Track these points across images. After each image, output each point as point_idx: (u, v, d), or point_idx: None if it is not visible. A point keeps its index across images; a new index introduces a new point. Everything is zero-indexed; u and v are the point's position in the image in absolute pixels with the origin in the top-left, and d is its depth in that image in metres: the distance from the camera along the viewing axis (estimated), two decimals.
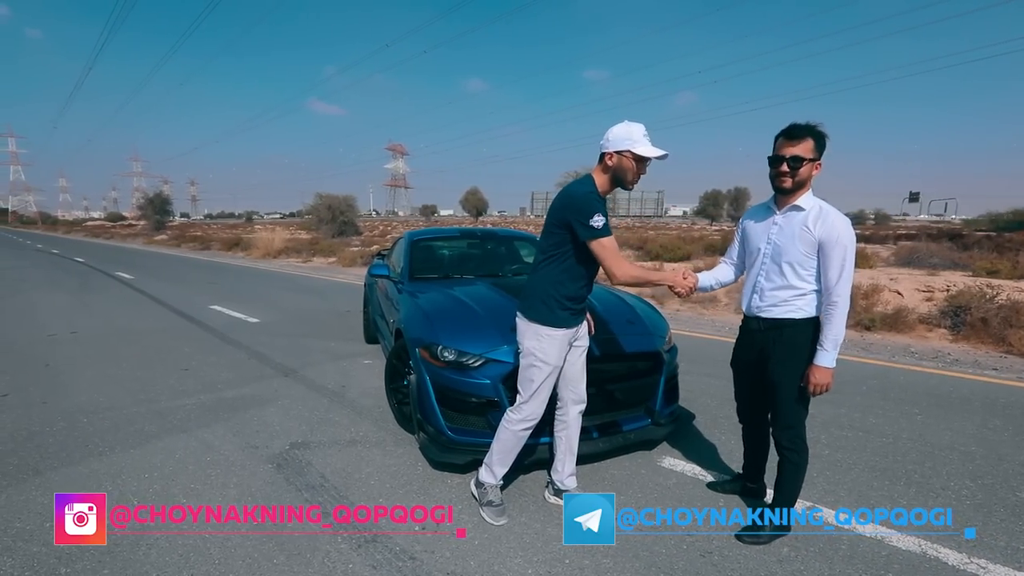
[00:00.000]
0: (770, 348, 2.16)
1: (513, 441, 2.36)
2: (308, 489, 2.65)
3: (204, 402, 3.90)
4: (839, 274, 1.99)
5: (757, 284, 2.19)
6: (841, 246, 1.98)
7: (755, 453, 2.53)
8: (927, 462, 3.01)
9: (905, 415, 3.74)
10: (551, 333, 2.24)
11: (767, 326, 2.16)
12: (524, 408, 2.31)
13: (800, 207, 2.06)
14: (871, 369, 5.00)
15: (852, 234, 2.01)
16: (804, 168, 1.99)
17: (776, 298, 2.12)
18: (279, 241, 21.23)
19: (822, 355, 2.03)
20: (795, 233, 2.06)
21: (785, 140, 2.02)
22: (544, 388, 2.29)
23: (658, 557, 2.13)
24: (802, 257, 2.05)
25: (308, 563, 2.08)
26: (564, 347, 2.29)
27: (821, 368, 2.05)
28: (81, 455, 3.01)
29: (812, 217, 2.03)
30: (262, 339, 5.99)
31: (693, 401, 4.04)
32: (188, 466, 2.89)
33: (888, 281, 8.10)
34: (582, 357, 2.43)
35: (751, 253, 2.25)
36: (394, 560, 2.09)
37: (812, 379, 2.07)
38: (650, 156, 2.09)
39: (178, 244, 30.01)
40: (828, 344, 2.02)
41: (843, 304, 2.00)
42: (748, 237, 2.26)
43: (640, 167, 2.12)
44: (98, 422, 3.49)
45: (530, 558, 2.12)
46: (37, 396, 4.00)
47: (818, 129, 2.00)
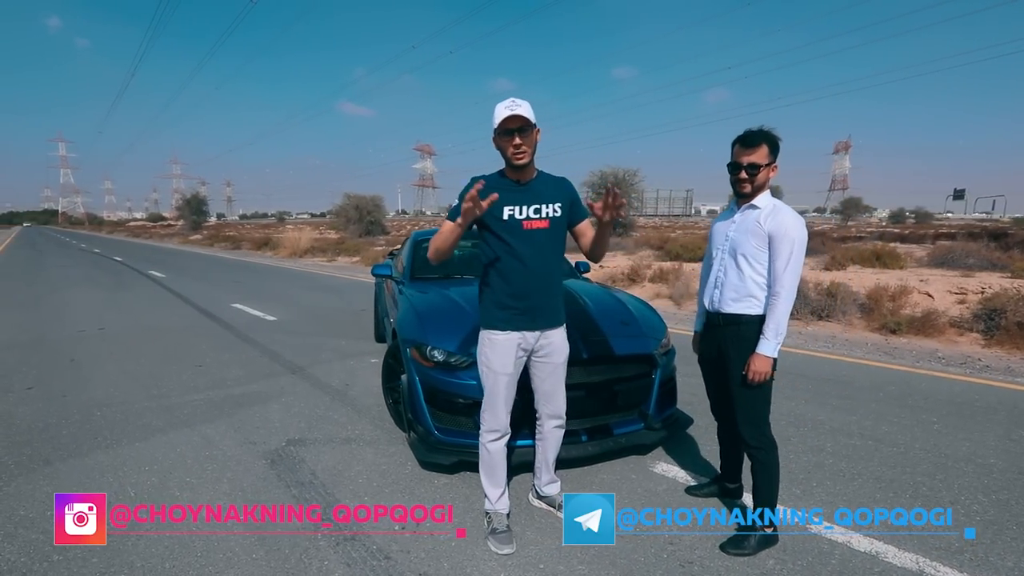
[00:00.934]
0: (727, 344, 2.21)
1: (488, 456, 2.25)
2: (297, 485, 2.69)
3: (211, 398, 4.01)
4: (785, 266, 2.05)
5: (717, 279, 2.27)
6: (789, 240, 2.05)
7: (730, 451, 2.54)
8: (938, 474, 2.85)
9: (921, 424, 3.56)
10: (492, 337, 2.15)
11: (725, 321, 2.22)
12: (484, 417, 2.24)
13: (755, 206, 2.15)
14: (891, 375, 4.78)
15: (802, 231, 2.08)
16: (761, 173, 2.09)
17: (733, 293, 2.19)
18: (305, 241, 21.71)
19: (763, 343, 2.08)
20: (748, 228, 2.14)
21: (741, 148, 2.10)
22: (497, 397, 2.18)
23: (636, 565, 2.08)
24: (754, 250, 2.12)
25: (286, 559, 2.11)
26: (511, 353, 2.15)
27: (760, 356, 2.08)
28: (89, 447, 3.14)
29: (765, 214, 2.12)
30: (276, 337, 6.14)
31: (696, 406, 3.94)
32: (187, 460, 2.97)
33: (918, 282, 7.75)
34: (554, 373, 2.28)
35: (714, 251, 2.32)
36: (369, 559, 2.10)
37: (751, 366, 2.10)
38: (499, 121, 1.97)
39: (211, 244, 31.06)
40: (769, 333, 2.08)
41: (786, 295, 2.06)
42: (713, 237, 2.35)
43: (511, 138, 2.00)
44: (110, 416, 3.64)
45: (504, 562, 2.10)
46: (59, 390, 4.19)
47: (771, 135, 2.09)
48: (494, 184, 2.10)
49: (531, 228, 2.11)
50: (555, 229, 2.17)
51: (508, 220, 2.10)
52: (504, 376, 2.17)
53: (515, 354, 2.18)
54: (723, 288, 2.22)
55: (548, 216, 2.13)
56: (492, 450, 2.25)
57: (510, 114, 1.96)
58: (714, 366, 2.34)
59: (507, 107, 1.98)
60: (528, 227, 2.11)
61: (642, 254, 14.37)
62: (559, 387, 2.33)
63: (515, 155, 2.04)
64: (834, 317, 7.11)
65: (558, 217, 2.16)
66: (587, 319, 3.04)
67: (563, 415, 2.39)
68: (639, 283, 10.58)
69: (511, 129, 2.00)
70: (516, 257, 2.11)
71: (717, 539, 2.24)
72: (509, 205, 2.09)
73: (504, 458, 2.30)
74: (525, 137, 2.02)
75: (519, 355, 2.19)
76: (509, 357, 2.16)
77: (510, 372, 2.18)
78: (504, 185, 2.11)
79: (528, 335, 2.18)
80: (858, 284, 8.03)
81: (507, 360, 2.16)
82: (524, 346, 2.19)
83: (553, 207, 2.15)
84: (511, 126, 1.99)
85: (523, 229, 2.10)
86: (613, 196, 1.90)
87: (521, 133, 2.01)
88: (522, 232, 2.11)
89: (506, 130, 2.00)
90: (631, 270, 10.93)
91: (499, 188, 2.05)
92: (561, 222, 2.18)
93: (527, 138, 2.03)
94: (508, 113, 1.97)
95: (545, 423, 2.38)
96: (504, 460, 2.30)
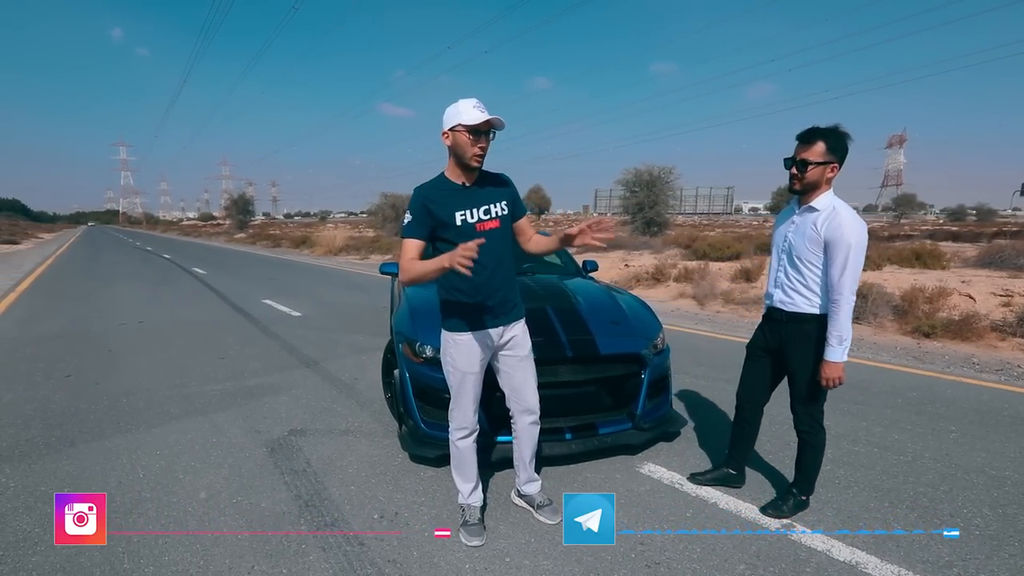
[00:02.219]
0: (788, 340, 2.31)
1: (458, 454, 2.30)
2: (290, 473, 2.82)
3: (227, 389, 4.23)
4: (841, 272, 2.07)
5: (778, 279, 2.34)
6: (845, 245, 2.05)
7: (742, 439, 2.61)
8: (943, 485, 2.72)
9: (936, 432, 3.39)
10: (457, 338, 2.17)
11: (788, 318, 2.29)
12: (453, 416, 2.27)
13: (814, 208, 2.16)
14: (916, 380, 4.56)
15: (860, 235, 2.07)
16: (813, 171, 2.10)
17: (794, 292, 2.25)
18: (340, 239, 22.38)
19: (829, 351, 2.15)
20: (806, 232, 2.17)
21: (798, 143, 2.14)
22: (463, 395, 2.22)
23: (601, 563, 2.09)
24: (810, 255, 2.16)
25: (267, 540, 2.22)
26: (475, 352, 2.17)
27: (829, 363, 2.16)
28: (111, 431, 3.37)
29: (823, 218, 2.12)
30: (298, 332, 6.38)
31: (700, 407, 3.88)
32: (195, 446, 3.16)
33: (959, 284, 7.32)
34: (521, 366, 2.28)
35: (775, 251, 2.39)
36: (344, 544, 2.19)
37: (823, 373, 2.18)
38: (476, 123, 1.95)
39: (253, 242, 32.41)
40: (833, 340, 2.13)
41: (845, 302, 2.08)
42: (775, 237, 2.41)
43: (479, 140, 1.99)
44: (134, 403, 3.89)
45: (472, 554, 2.15)
46: (93, 378, 4.51)
47: (834, 132, 2.07)
48: (441, 188, 2.11)
49: (484, 230, 2.10)
50: (505, 226, 2.18)
51: (461, 225, 2.09)
52: (471, 375, 2.20)
53: (480, 353, 2.20)
54: (784, 288, 2.30)
55: (498, 215, 2.14)
56: (461, 447, 2.29)
57: (488, 117, 1.97)
58: (771, 356, 2.42)
59: (478, 108, 1.97)
60: (481, 229, 2.10)
61: (669, 253, 14.10)
62: (528, 380, 2.33)
63: (476, 157, 2.03)
64: (864, 319, 6.81)
65: (506, 215, 2.17)
66: (576, 318, 3.04)
67: (536, 410, 2.38)
68: (663, 283, 10.41)
69: (482, 131, 2.00)
70: (474, 260, 2.04)
71: (691, 540, 2.22)
72: (459, 210, 2.09)
73: (474, 454, 2.33)
74: (489, 141, 2.04)
75: (486, 353, 2.22)
76: (475, 356, 2.19)
77: (476, 371, 2.20)
78: (452, 189, 2.11)
79: (492, 332, 2.20)
80: (893, 285, 7.66)
81: (473, 360, 2.19)
82: (489, 343, 2.22)
83: (500, 205, 2.15)
84: (484, 129, 1.99)
85: (476, 232, 2.09)
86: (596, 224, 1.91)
87: (487, 136, 2.02)
88: (476, 235, 2.08)
89: (477, 132, 1.98)
90: (655, 269, 10.76)
91: (448, 194, 2.10)
92: (508, 219, 2.19)
93: (488, 142, 2.04)
94: (486, 116, 1.96)
95: (519, 419, 2.38)
96: (474, 456, 2.33)
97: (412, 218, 2.09)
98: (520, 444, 2.42)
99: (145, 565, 2.07)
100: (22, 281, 11.81)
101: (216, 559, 2.11)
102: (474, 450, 2.32)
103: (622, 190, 22.11)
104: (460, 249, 1.79)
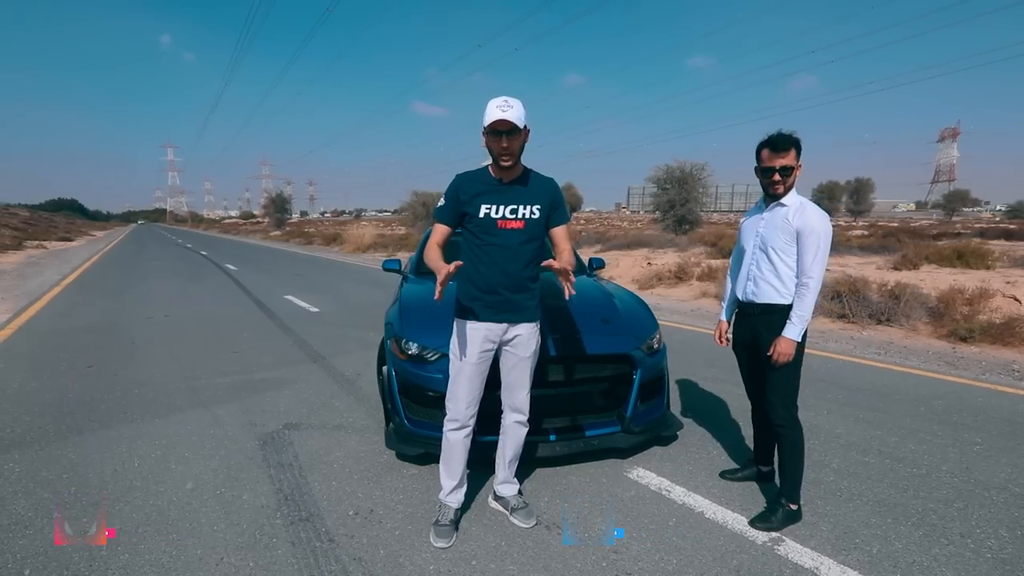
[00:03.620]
0: (762, 331, 2.38)
1: (448, 446, 2.28)
2: (277, 466, 2.85)
3: (234, 382, 4.32)
4: (812, 258, 2.23)
5: (750, 272, 2.44)
6: (815, 234, 2.22)
7: (764, 434, 2.66)
8: (958, 501, 2.52)
9: (959, 444, 3.15)
10: (462, 325, 2.21)
11: (760, 310, 2.39)
12: (448, 406, 2.27)
13: (783, 204, 2.32)
14: (944, 387, 4.27)
15: (827, 226, 2.25)
16: (793, 174, 2.27)
17: (766, 284, 2.36)
18: (368, 237, 22.76)
19: (788, 327, 2.26)
20: (778, 225, 2.32)
21: (772, 152, 2.26)
22: (459, 386, 2.22)
23: (570, 571, 2.01)
24: (783, 245, 2.29)
25: (242, 532, 2.24)
26: (477, 343, 2.18)
27: (785, 339, 2.26)
28: (118, 420, 3.49)
29: (792, 211, 2.29)
30: (312, 327, 6.49)
31: (706, 410, 3.74)
32: (192, 437, 3.23)
33: (1004, 285, 6.84)
34: (519, 366, 2.28)
35: (746, 247, 2.49)
36: (314, 540, 2.19)
37: (776, 347, 2.27)
38: (490, 122, 1.98)
39: (288, 239, 33.38)
40: (795, 318, 2.25)
41: (814, 285, 2.24)
42: (743, 234, 2.52)
43: (498, 139, 2.02)
44: (145, 393, 4.03)
45: (438, 555, 2.10)
46: (112, 368, 4.69)
47: (796, 138, 2.26)
48: (477, 180, 2.17)
49: (505, 228, 2.15)
50: (530, 230, 2.19)
51: (484, 218, 2.14)
52: (468, 364, 2.20)
53: (481, 345, 2.20)
54: (756, 280, 2.40)
55: (524, 217, 2.16)
56: (451, 439, 2.27)
57: (500, 117, 1.97)
58: (750, 351, 2.50)
59: (499, 107, 1.99)
60: (503, 226, 2.14)
61: (694, 251, 13.74)
62: (522, 381, 2.31)
63: (501, 155, 2.06)
64: (896, 321, 6.45)
65: (535, 219, 2.19)
66: (564, 316, 2.96)
67: (524, 412, 2.36)
68: (686, 281, 10.14)
69: (499, 131, 2.01)
70: (487, 254, 2.16)
71: (668, 550, 2.12)
72: (487, 203, 2.14)
73: (463, 452, 2.29)
74: (512, 139, 2.03)
75: (486, 346, 2.22)
76: (475, 347, 2.19)
77: (475, 362, 2.20)
78: (487, 182, 2.17)
79: (495, 327, 2.21)
80: (930, 285, 7.23)
81: (473, 349, 2.19)
82: (491, 337, 2.21)
83: (531, 208, 2.17)
84: (500, 128, 2.00)
85: (497, 228, 2.14)
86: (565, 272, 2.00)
87: (509, 135, 2.02)
88: (496, 231, 2.15)
89: (495, 131, 2.01)
90: (679, 268, 10.50)
91: (481, 185, 2.16)
92: (538, 223, 2.20)
93: (514, 140, 2.04)
94: (499, 116, 1.98)
95: (507, 416, 2.38)
96: (463, 454, 2.30)
97: (444, 203, 2.22)
98: (504, 442, 2.40)
99: (121, 553, 2.12)
100: (68, 276, 12.48)
101: (188, 549, 2.14)
102: (465, 448, 2.29)
103: (654, 187, 21.67)
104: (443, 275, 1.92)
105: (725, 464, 2.90)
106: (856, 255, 13.08)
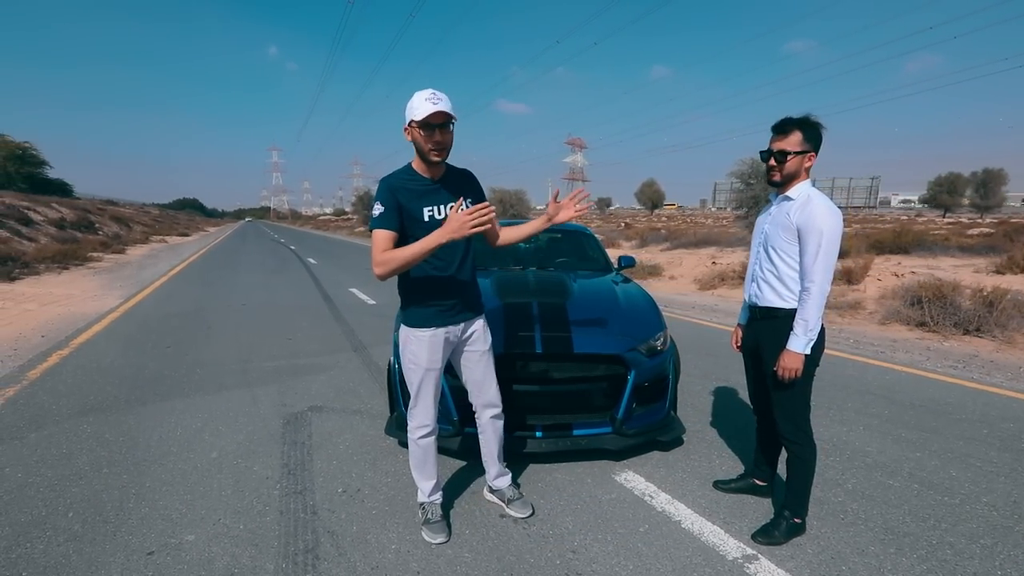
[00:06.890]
0: (763, 337, 2.24)
1: (418, 452, 2.27)
2: (291, 444, 3.12)
3: (280, 366, 4.74)
4: (814, 259, 2.02)
5: (754, 273, 2.31)
6: (817, 232, 2.00)
7: (765, 447, 2.54)
8: (986, 538, 2.22)
9: (1016, 475, 2.76)
10: (419, 335, 2.15)
11: (762, 314, 2.25)
12: (413, 413, 2.25)
13: (790, 197, 2.13)
14: (1016, 408, 3.72)
15: (834, 223, 2.00)
16: (792, 161, 2.08)
17: (767, 286, 2.20)
18: None
19: (792, 339, 2.07)
20: (780, 221, 2.14)
21: (773, 134, 2.11)
22: (423, 392, 2.20)
23: (522, 563, 2.04)
24: (784, 244, 2.11)
25: (242, 496, 2.50)
26: (437, 349, 2.16)
27: (790, 352, 2.07)
28: (176, 395, 3.98)
29: (796, 206, 2.09)
30: (363, 319, 6.92)
31: (719, 415, 3.57)
32: (229, 413, 3.61)
33: None
34: (482, 361, 2.30)
35: (754, 244, 2.35)
36: (299, 511, 2.40)
37: (781, 362, 2.10)
38: (424, 117, 1.89)
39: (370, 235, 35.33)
40: (798, 328, 2.06)
41: (817, 290, 2.02)
42: (755, 231, 2.36)
43: (432, 134, 1.94)
44: (203, 372, 4.54)
45: (404, 536, 2.22)
46: (185, 350, 5.32)
47: (810, 122, 2.05)
48: (409, 181, 2.08)
49: None
50: None
51: (428, 222, 2.06)
52: (433, 372, 2.18)
53: (444, 350, 2.21)
54: (759, 282, 2.25)
55: None
56: (423, 445, 2.27)
57: (436, 110, 1.89)
58: (753, 358, 2.37)
59: (430, 100, 1.91)
60: None
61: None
62: (489, 374, 2.34)
63: (433, 151, 1.99)
64: (987, 332, 5.67)
65: None
66: (559, 314, 2.96)
67: (498, 404, 2.39)
68: None
69: (434, 124, 1.93)
70: (439, 258, 2.09)
71: (628, 556, 2.08)
72: (427, 206, 2.08)
73: (435, 453, 2.32)
74: (447, 133, 1.97)
75: (448, 349, 2.23)
76: (437, 353, 2.18)
77: (438, 367, 2.21)
78: (420, 182, 2.09)
79: (453, 329, 2.20)
80: None
81: (436, 356, 2.18)
82: (451, 339, 2.22)
83: (466, 204, 2.12)
84: (435, 121, 1.92)
85: None
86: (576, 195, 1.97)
87: (443, 129, 1.96)
88: None
89: (429, 125, 1.93)
90: (743, 267, 9.89)
91: (417, 186, 2.08)
92: None
93: (448, 134, 1.98)
94: (434, 109, 1.89)
95: (482, 414, 2.40)
96: (435, 455, 2.33)
97: (384, 209, 2.03)
98: (486, 439, 2.43)
99: (143, 506, 2.45)
100: (176, 267, 14.17)
101: (196, 508, 2.43)
102: (435, 448, 2.31)
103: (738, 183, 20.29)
104: (464, 215, 1.83)
105: (725, 474, 2.76)
106: (953, 256, 11.57)
